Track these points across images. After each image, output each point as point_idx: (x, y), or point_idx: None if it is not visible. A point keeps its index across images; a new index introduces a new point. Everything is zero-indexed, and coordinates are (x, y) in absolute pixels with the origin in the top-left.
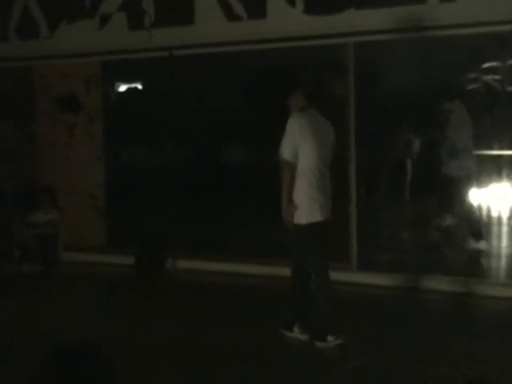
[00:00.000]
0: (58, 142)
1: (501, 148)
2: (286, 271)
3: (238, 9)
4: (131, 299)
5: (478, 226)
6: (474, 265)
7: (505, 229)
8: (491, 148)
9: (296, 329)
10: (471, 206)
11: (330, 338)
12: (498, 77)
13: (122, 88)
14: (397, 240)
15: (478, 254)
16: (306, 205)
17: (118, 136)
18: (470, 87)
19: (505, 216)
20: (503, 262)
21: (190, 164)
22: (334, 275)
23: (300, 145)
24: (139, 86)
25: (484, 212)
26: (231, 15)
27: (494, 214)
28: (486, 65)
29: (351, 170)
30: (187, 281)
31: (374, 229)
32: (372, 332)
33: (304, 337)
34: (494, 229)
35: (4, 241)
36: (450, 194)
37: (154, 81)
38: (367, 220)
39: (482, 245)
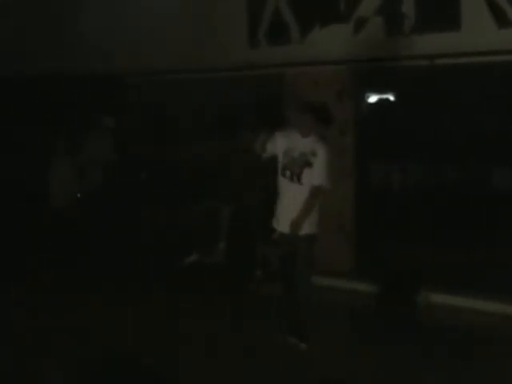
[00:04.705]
0: None
1: None
2: None
3: None
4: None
5: None
6: None
7: None
8: None
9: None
10: None
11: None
12: None
13: (374, 99)
14: None
15: None
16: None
17: (370, 151)
18: None
19: None
20: None
21: (450, 184)
22: None
23: None
24: (392, 98)
25: None
26: (503, 21)
27: None
28: None
29: None
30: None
31: None
32: None
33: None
34: None
35: (247, 260)
36: None
37: (411, 92)
38: None
39: None
